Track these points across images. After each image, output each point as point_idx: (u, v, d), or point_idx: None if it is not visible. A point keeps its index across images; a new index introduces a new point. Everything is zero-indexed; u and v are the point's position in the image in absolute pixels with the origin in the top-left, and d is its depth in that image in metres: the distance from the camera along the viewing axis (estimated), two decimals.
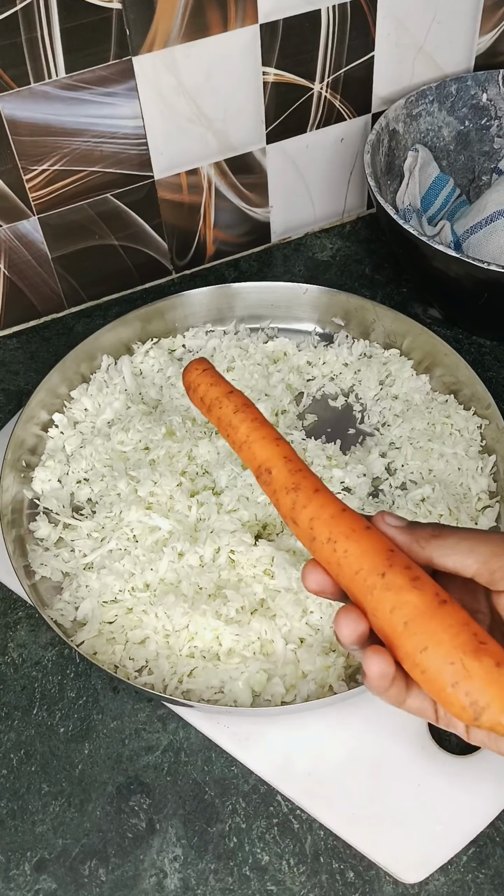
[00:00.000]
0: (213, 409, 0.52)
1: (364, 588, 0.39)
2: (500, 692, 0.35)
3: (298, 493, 0.44)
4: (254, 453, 0.48)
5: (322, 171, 0.87)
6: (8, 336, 0.85)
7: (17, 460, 0.69)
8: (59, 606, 0.63)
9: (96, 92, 0.70)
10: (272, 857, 0.54)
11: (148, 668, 0.59)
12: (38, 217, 0.77)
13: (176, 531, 0.64)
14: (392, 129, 0.82)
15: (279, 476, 0.46)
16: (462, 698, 0.36)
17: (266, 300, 0.80)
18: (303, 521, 0.43)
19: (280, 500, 0.45)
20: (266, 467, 0.47)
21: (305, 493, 0.44)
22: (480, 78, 0.85)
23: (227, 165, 0.81)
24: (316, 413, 0.75)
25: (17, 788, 0.58)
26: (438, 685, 0.36)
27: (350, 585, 0.40)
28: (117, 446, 0.71)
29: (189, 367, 0.55)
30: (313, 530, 0.42)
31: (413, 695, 0.41)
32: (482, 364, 0.79)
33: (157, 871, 0.54)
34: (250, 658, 0.59)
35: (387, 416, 0.74)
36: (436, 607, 0.37)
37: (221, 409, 0.52)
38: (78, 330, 0.85)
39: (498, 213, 0.79)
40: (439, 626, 0.37)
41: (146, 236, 0.84)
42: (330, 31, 0.75)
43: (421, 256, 0.72)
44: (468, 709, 0.36)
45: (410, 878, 0.53)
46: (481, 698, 0.35)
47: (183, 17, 0.69)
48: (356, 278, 0.88)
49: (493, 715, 0.35)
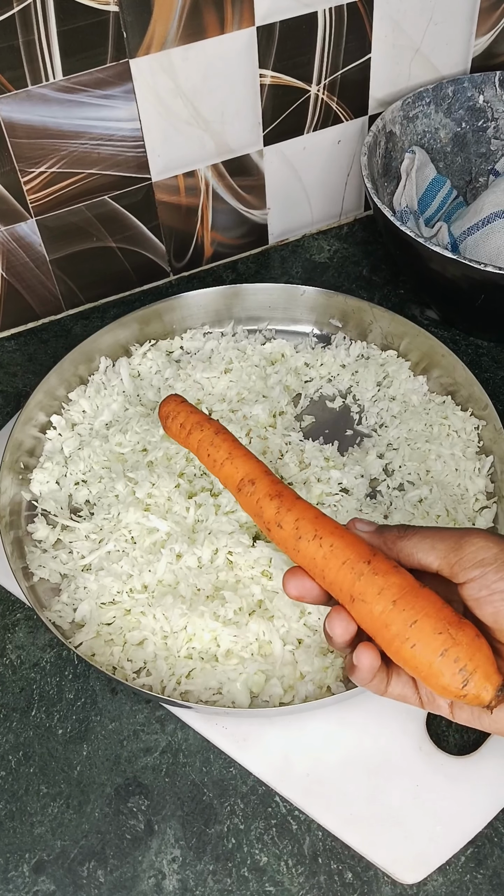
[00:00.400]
0: (194, 433, 0.57)
1: (352, 575, 0.43)
2: (484, 659, 0.40)
3: (282, 498, 0.49)
4: (237, 468, 0.53)
5: (319, 173, 0.88)
6: (6, 338, 0.85)
7: (16, 462, 0.69)
8: (57, 608, 0.63)
9: (93, 94, 0.70)
10: (270, 858, 0.54)
11: (146, 670, 0.60)
12: (35, 219, 0.77)
13: (174, 532, 0.64)
14: (389, 130, 0.83)
15: (262, 485, 0.51)
16: (451, 665, 0.39)
17: (264, 302, 0.80)
18: (288, 523, 0.48)
19: (264, 506, 0.50)
20: (249, 479, 0.52)
21: (289, 498, 0.49)
22: (477, 80, 0.85)
23: (225, 167, 0.82)
24: (314, 414, 0.75)
25: (16, 790, 0.58)
26: (428, 656, 0.40)
27: (336, 578, 0.44)
28: (115, 448, 0.71)
29: (166, 400, 0.61)
30: (299, 530, 0.47)
31: (394, 683, 0.45)
32: (479, 365, 0.79)
33: (155, 873, 0.54)
34: (248, 659, 0.59)
35: (384, 417, 0.74)
36: (418, 588, 0.42)
37: (203, 431, 0.57)
38: (76, 332, 0.85)
39: (495, 214, 0.79)
40: (424, 601, 0.41)
41: (144, 238, 0.84)
42: (326, 34, 0.76)
43: (418, 258, 0.73)
44: (457, 675, 0.39)
45: (409, 879, 0.53)
46: (470, 663, 0.39)
47: (180, 19, 0.69)
48: (353, 280, 0.88)
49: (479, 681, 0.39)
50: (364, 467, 0.70)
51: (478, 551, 0.41)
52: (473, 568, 0.41)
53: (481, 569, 0.41)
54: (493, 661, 0.40)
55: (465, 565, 0.41)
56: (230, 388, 0.75)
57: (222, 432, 0.56)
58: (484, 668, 0.40)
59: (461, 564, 0.41)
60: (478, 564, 0.41)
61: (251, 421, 0.72)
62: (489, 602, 0.40)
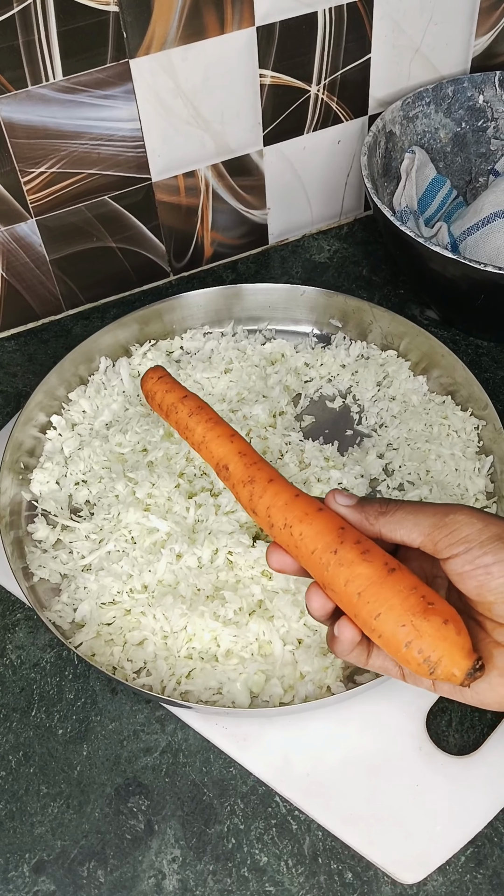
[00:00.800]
0: (171, 414, 0.55)
1: (320, 566, 0.43)
2: (450, 646, 0.40)
3: (254, 485, 0.48)
4: (211, 452, 0.52)
5: (319, 173, 0.88)
6: (6, 338, 0.85)
7: (16, 462, 0.69)
8: (57, 608, 0.63)
9: (93, 94, 0.70)
10: (270, 858, 0.54)
11: (146, 670, 0.60)
12: (35, 219, 0.77)
13: (174, 532, 0.64)
14: (389, 130, 0.83)
15: (236, 471, 0.50)
16: (416, 656, 0.40)
17: (264, 302, 0.80)
18: (261, 511, 0.47)
19: (239, 493, 0.49)
20: (223, 464, 0.51)
21: (260, 484, 0.48)
22: (477, 80, 0.85)
23: (225, 167, 0.82)
24: (314, 414, 0.75)
25: (16, 790, 0.58)
26: (394, 646, 0.41)
27: (308, 564, 0.44)
28: (115, 448, 0.71)
29: (145, 376, 0.58)
30: (271, 517, 0.46)
31: (374, 655, 0.45)
32: (479, 365, 0.79)
33: (155, 873, 0.54)
34: (248, 659, 0.59)
35: (384, 417, 0.74)
36: (385, 576, 0.41)
37: (178, 413, 0.55)
38: (76, 332, 0.85)
39: (494, 214, 0.79)
40: (389, 592, 0.41)
41: (144, 238, 0.84)
42: (326, 34, 0.76)
43: (418, 258, 0.73)
44: (423, 665, 0.40)
45: (408, 879, 0.53)
46: (433, 654, 0.39)
47: (180, 19, 0.69)
48: (353, 280, 0.88)
49: (446, 667, 0.40)
50: (364, 467, 0.70)
51: (462, 527, 0.41)
52: (458, 544, 0.41)
53: (465, 544, 0.41)
54: (461, 645, 0.40)
55: (450, 541, 0.41)
56: (230, 389, 0.75)
57: (196, 413, 0.54)
58: (450, 655, 0.40)
59: (446, 540, 0.41)
60: (462, 540, 0.41)
61: (251, 421, 0.72)
62: (472, 576, 0.41)
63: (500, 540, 0.40)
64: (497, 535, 0.41)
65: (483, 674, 0.41)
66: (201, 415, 0.54)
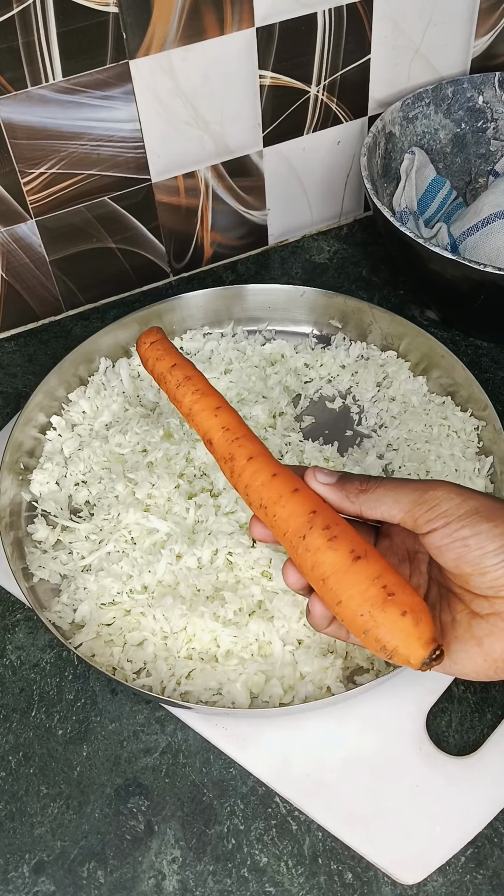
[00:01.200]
0: (162, 384, 0.55)
1: (290, 548, 0.44)
2: (405, 637, 0.41)
3: (234, 462, 0.48)
4: (197, 425, 0.51)
5: (319, 174, 0.88)
6: (6, 339, 0.85)
7: (15, 463, 0.69)
8: (57, 609, 0.63)
9: (93, 95, 0.71)
10: (270, 859, 0.54)
11: (146, 670, 0.60)
12: (35, 220, 0.77)
13: (174, 533, 0.64)
14: (388, 131, 0.83)
15: (218, 446, 0.50)
16: (373, 643, 0.41)
17: (263, 303, 0.80)
18: (240, 489, 0.48)
19: (223, 468, 0.49)
20: (208, 437, 0.51)
21: (240, 462, 0.48)
22: (476, 80, 0.85)
23: (224, 168, 0.82)
24: (313, 415, 0.75)
25: (16, 790, 0.58)
26: (354, 631, 0.42)
27: (283, 544, 0.46)
28: (115, 449, 0.71)
29: (140, 338, 0.57)
30: (249, 497, 0.47)
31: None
32: (479, 366, 0.79)
33: (155, 873, 0.54)
34: (248, 660, 0.59)
35: (384, 417, 0.74)
36: (349, 564, 0.42)
37: (167, 384, 0.54)
38: (76, 333, 0.85)
39: (494, 215, 0.79)
40: (351, 581, 0.42)
41: (144, 239, 0.84)
42: (326, 34, 0.76)
43: (418, 258, 0.73)
44: (381, 651, 0.41)
45: (408, 880, 0.53)
46: (389, 643, 0.41)
47: (179, 20, 0.69)
48: (353, 280, 0.88)
49: (402, 655, 0.41)
50: (364, 468, 0.70)
51: (441, 502, 0.42)
52: (437, 518, 0.42)
53: (444, 519, 0.42)
54: (417, 636, 0.41)
55: (430, 516, 0.42)
56: (230, 389, 0.75)
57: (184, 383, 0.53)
58: (405, 644, 0.41)
59: (425, 516, 0.42)
60: (441, 515, 0.42)
61: (251, 421, 0.72)
62: (450, 549, 0.42)
63: (477, 514, 0.41)
64: (475, 509, 0.42)
65: (440, 662, 0.42)
66: (188, 386, 0.53)
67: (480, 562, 0.41)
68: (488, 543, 0.41)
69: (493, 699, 0.60)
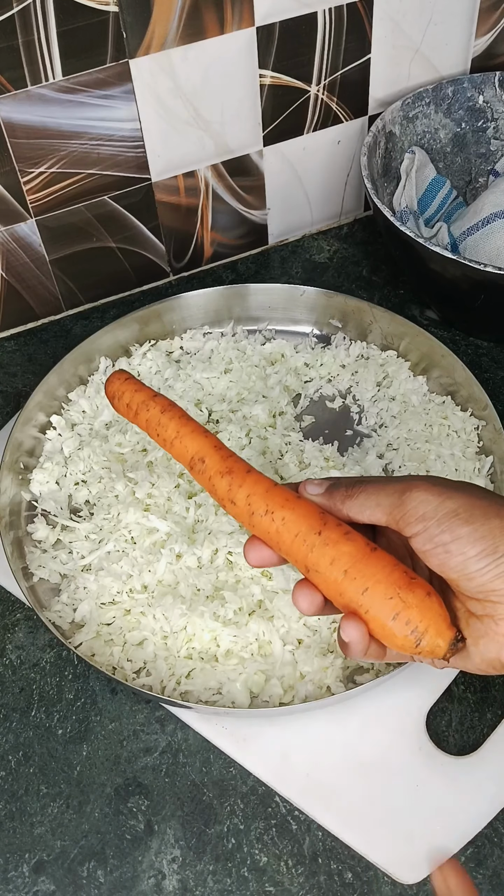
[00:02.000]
0: (141, 413, 0.54)
1: (304, 548, 0.44)
2: (435, 617, 0.41)
3: (233, 475, 0.48)
4: (185, 446, 0.51)
5: (319, 174, 0.88)
6: (6, 338, 0.85)
7: (15, 462, 0.69)
8: (57, 608, 0.63)
9: (93, 95, 0.70)
10: (270, 858, 0.54)
11: (146, 670, 0.60)
12: (35, 219, 0.77)
13: (174, 533, 0.64)
14: (389, 131, 0.83)
15: (212, 462, 0.50)
16: (403, 627, 0.41)
17: (263, 302, 0.80)
18: (240, 499, 0.47)
19: (216, 484, 0.49)
20: (199, 457, 0.50)
21: (239, 474, 0.48)
22: (477, 80, 0.85)
23: (225, 168, 0.82)
24: (313, 414, 0.75)
25: (16, 790, 0.58)
26: (381, 620, 0.41)
27: (290, 550, 0.45)
28: (115, 448, 0.71)
29: (111, 378, 0.57)
30: (251, 505, 0.47)
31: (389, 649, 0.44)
32: (479, 365, 0.79)
33: (155, 873, 0.54)
34: (248, 659, 0.59)
35: (384, 417, 0.74)
36: (368, 553, 0.43)
37: (149, 411, 0.54)
38: (75, 332, 0.85)
39: (494, 214, 0.79)
40: (374, 567, 0.42)
41: (144, 239, 0.84)
42: (326, 34, 0.76)
43: (418, 258, 0.73)
44: (409, 637, 0.41)
45: (408, 879, 0.53)
46: (420, 624, 0.41)
47: (179, 19, 0.69)
48: (353, 280, 0.88)
49: (432, 638, 0.41)
50: (364, 467, 0.70)
51: (418, 506, 0.41)
52: (416, 523, 0.41)
53: (423, 523, 0.41)
54: (444, 617, 0.41)
55: (409, 520, 0.41)
56: (230, 389, 0.75)
57: (169, 410, 0.54)
58: (435, 625, 0.41)
59: (405, 519, 0.41)
60: (419, 519, 0.41)
61: (251, 421, 0.72)
62: (434, 555, 0.41)
63: (455, 517, 0.40)
64: (453, 512, 0.41)
65: (464, 646, 0.42)
66: (173, 412, 0.53)
67: (464, 567, 0.40)
68: (469, 548, 0.40)
69: (493, 699, 0.60)
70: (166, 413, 0.53)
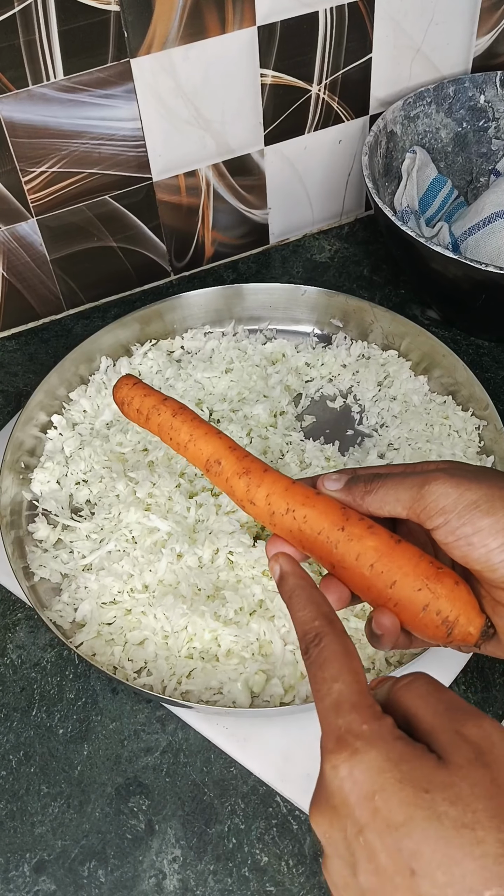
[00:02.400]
0: (152, 417, 0.54)
1: (328, 545, 0.44)
2: (464, 605, 0.41)
3: (251, 475, 0.48)
4: (200, 449, 0.51)
5: (320, 173, 0.88)
6: (6, 338, 0.85)
7: (16, 462, 0.69)
8: (58, 608, 0.63)
9: (94, 94, 0.70)
10: (271, 858, 0.54)
11: (147, 670, 0.60)
12: (36, 219, 0.77)
13: (175, 532, 0.64)
14: (390, 130, 0.83)
15: (229, 464, 0.49)
16: (434, 618, 0.41)
17: (264, 302, 0.80)
18: (260, 499, 0.47)
19: (234, 485, 0.49)
20: (215, 459, 0.50)
21: (257, 473, 0.48)
22: (478, 80, 0.85)
23: (226, 167, 0.82)
24: (314, 414, 0.75)
25: (17, 790, 0.58)
26: (411, 612, 0.41)
27: (314, 547, 0.45)
28: (116, 448, 0.71)
29: (118, 384, 0.56)
30: (271, 505, 0.46)
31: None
32: (480, 365, 0.79)
33: (156, 873, 0.54)
34: (249, 659, 0.59)
35: (385, 417, 0.74)
36: (393, 546, 0.43)
37: (160, 415, 0.53)
38: (76, 331, 0.85)
39: (496, 214, 0.79)
40: (401, 560, 0.42)
41: (145, 238, 0.84)
42: (328, 33, 0.76)
43: (419, 258, 0.73)
44: (441, 627, 0.41)
45: None
46: (451, 613, 0.41)
47: (181, 19, 0.69)
48: (354, 280, 0.88)
49: (463, 626, 0.41)
50: None
51: (438, 499, 0.41)
52: (437, 516, 0.41)
53: (444, 516, 0.41)
54: (473, 604, 0.41)
55: (430, 513, 0.41)
56: (231, 388, 0.75)
57: (180, 413, 0.53)
58: (466, 613, 0.41)
59: (426, 513, 0.41)
60: (440, 512, 0.41)
61: (252, 421, 0.72)
62: (456, 547, 0.41)
63: (476, 508, 0.40)
64: (474, 503, 0.40)
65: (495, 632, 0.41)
66: (185, 414, 0.53)
67: (487, 559, 0.40)
68: (491, 540, 0.40)
69: (494, 699, 0.60)
70: (178, 416, 0.53)
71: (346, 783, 0.32)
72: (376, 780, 0.31)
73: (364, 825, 0.31)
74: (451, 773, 0.30)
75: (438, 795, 0.30)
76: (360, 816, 0.31)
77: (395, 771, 0.31)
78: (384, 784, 0.31)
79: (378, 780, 0.31)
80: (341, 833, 0.32)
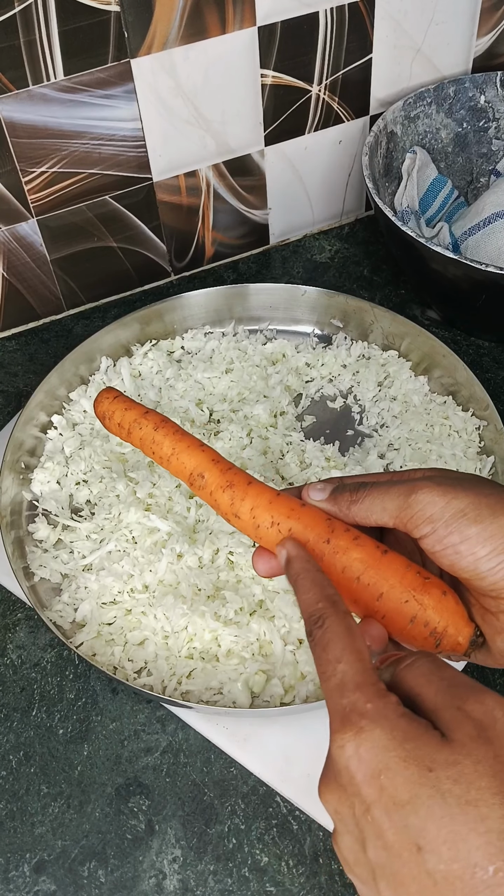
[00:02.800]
0: (134, 431, 0.53)
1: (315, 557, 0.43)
2: (452, 615, 0.40)
3: (234, 488, 0.48)
4: (183, 463, 0.50)
5: (320, 173, 0.88)
6: (7, 338, 0.85)
7: (16, 462, 0.69)
8: (58, 608, 0.63)
9: (95, 94, 0.70)
10: (271, 858, 0.54)
11: (147, 670, 0.60)
12: (36, 219, 0.77)
13: (175, 532, 0.64)
14: (390, 131, 0.83)
15: (212, 477, 0.49)
16: (422, 629, 0.40)
17: (265, 302, 0.80)
18: (244, 513, 0.46)
19: (218, 499, 0.48)
20: (198, 472, 0.49)
21: (240, 486, 0.47)
22: (478, 80, 0.85)
23: (226, 167, 0.82)
24: (315, 414, 0.75)
25: (17, 790, 0.58)
26: (399, 625, 0.41)
27: None
28: (116, 448, 0.71)
29: (99, 398, 0.55)
30: (256, 518, 0.46)
31: None
32: (480, 365, 0.79)
33: (156, 873, 0.54)
34: (249, 659, 0.59)
35: (385, 417, 0.74)
36: (379, 558, 0.42)
37: (142, 429, 0.53)
38: (77, 332, 0.85)
39: (496, 214, 0.79)
40: (387, 572, 0.41)
41: (145, 238, 0.84)
42: (328, 34, 0.76)
43: (419, 258, 0.73)
44: (429, 638, 0.40)
45: None
46: (438, 625, 0.40)
47: (181, 19, 0.69)
48: (355, 280, 0.88)
49: (451, 637, 0.40)
50: (365, 467, 0.70)
51: (425, 507, 0.40)
52: (424, 525, 0.40)
53: (431, 525, 0.40)
54: (462, 614, 0.41)
55: (416, 523, 0.41)
56: (231, 388, 0.75)
57: (162, 426, 0.52)
58: (454, 624, 0.40)
59: (413, 522, 0.41)
60: (427, 521, 0.40)
61: (252, 421, 0.72)
62: (444, 556, 0.40)
63: (463, 517, 0.40)
64: (461, 512, 0.40)
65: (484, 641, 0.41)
66: (167, 428, 0.52)
67: (475, 568, 0.40)
68: (479, 549, 0.39)
69: None
70: (160, 430, 0.52)
71: (352, 762, 0.33)
72: (381, 759, 0.32)
73: (371, 803, 0.32)
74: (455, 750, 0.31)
75: (442, 773, 0.30)
76: (367, 795, 0.32)
77: (399, 749, 0.31)
78: (389, 763, 0.31)
79: (383, 759, 0.32)
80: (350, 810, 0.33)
